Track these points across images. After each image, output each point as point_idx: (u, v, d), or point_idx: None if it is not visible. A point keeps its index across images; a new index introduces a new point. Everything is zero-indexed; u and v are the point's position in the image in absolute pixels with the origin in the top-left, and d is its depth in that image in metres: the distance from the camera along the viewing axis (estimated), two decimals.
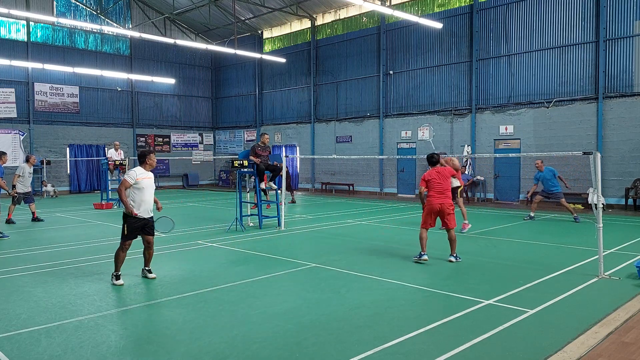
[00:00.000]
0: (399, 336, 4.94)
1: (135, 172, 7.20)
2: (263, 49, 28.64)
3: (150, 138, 29.55)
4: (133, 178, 7.12)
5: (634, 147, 16.36)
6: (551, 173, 13.72)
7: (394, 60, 22.70)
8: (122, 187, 7.10)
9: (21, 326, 5.32)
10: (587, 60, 17.33)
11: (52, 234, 12.00)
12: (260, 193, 12.92)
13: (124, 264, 7.26)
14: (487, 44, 19.69)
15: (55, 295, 6.57)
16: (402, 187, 22.70)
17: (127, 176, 7.16)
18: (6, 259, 9.01)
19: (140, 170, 7.27)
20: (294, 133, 27.42)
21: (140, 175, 7.20)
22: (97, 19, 26.73)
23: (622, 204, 16.52)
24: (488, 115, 19.79)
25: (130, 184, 7.10)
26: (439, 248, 9.92)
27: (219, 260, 8.80)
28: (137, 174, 7.18)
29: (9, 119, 24.17)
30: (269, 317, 5.60)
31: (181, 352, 4.63)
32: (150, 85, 29.05)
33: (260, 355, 4.55)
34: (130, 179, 7.11)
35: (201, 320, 5.51)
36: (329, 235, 11.57)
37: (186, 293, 6.62)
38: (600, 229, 7.40)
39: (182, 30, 30.01)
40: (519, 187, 19.07)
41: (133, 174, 7.16)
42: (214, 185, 31.72)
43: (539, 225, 13.15)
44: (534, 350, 4.62)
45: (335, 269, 7.91)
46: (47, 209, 17.35)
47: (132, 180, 7.10)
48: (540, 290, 6.67)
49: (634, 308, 5.82)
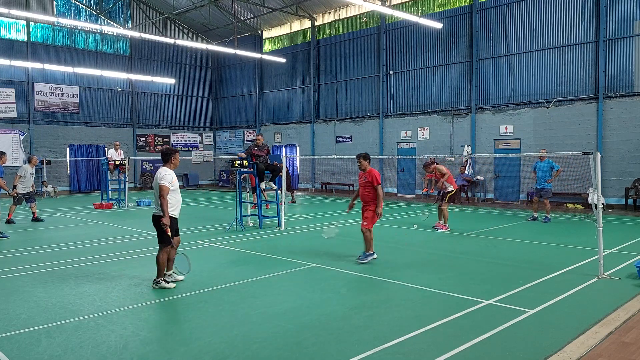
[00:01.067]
0: (399, 336, 4.94)
1: (170, 176, 6.90)
2: (263, 49, 28.64)
3: (150, 138, 29.55)
4: (170, 182, 6.84)
5: (634, 147, 16.36)
6: (548, 165, 13.64)
7: (394, 60, 22.70)
8: (165, 194, 6.74)
9: (21, 326, 5.32)
10: (587, 60, 17.33)
11: (52, 234, 12.00)
12: (260, 193, 12.93)
13: (124, 264, 7.26)
14: (487, 44, 19.69)
15: (55, 295, 6.57)
16: (402, 187, 22.70)
17: (166, 182, 6.77)
18: (6, 259, 9.02)
19: (171, 172, 7.00)
20: (294, 133, 27.42)
21: (173, 177, 6.97)
22: (97, 19, 26.73)
23: (622, 204, 16.51)
24: (488, 115, 19.79)
25: (169, 189, 6.80)
26: (439, 248, 9.93)
27: (219, 260, 8.80)
28: (172, 177, 6.93)
29: (9, 119, 24.16)
30: (269, 317, 5.60)
31: (181, 352, 4.63)
32: (150, 85, 29.05)
33: (260, 355, 4.55)
34: (169, 184, 6.81)
35: (201, 320, 5.51)
36: (328, 237, 11.54)
37: (186, 293, 6.62)
38: (600, 229, 7.40)
39: (182, 30, 30.01)
40: (519, 187, 19.06)
41: (169, 178, 6.85)
42: (214, 185, 31.71)
43: (539, 225, 13.14)
44: (534, 350, 4.62)
45: (335, 269, 7.91)
46: (47, 209, 17.35)
47: (171, 185, 6.84)
48: (540, 290, 6.66)
49: (634, 308, 5.82)
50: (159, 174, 6.87)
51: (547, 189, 13.67)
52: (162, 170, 6.93)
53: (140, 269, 8.02)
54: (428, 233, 11.88)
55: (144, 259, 8.86)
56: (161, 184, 6.75)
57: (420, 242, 10.68)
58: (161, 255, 6.88)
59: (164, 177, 6.82)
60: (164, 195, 6.71)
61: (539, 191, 13.82)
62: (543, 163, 13.73)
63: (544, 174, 13.62)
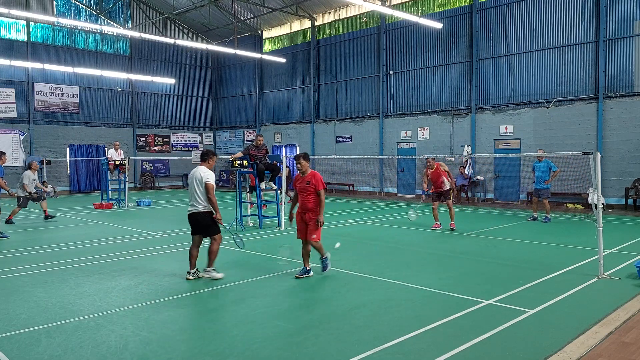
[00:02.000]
0: (399, 336, 4.94)
1: (212, 174, 7.28)
2: (263, 49, 28.64)
3: (150, 138, 29.56)
4: (214, 180, 7.24)
5: (634, 147, 16.36)
6: (547, 165, 13.69)
7: (394, 60, 22.70)
8: (212, 191, 7.11)
9: (21, 326, 5.32)
10: (587, 60, 17.33)
11: (52, 234, 12.00)
12: (260, 193, 12.94)
13: (124, 264, 7.26)
14: (487, 44, 19.69)
15: (55, 295, 6.57)
16: (402, 187, 22.70)
17: (212, 179, 7.18)
18: (6, 259, 9.02)
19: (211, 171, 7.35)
20: (294, 133, 27.42)
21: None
22: (97, 19, 26.73)
23: (622, 204, 16.51)
24: (488, 115, 19.79)
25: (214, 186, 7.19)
26: (439, 248, 9.93)
27: (219, 260, 8.77)
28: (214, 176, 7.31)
29: (9, 119, 24.17)
30: (269, 317, 5.60)
31: (181, 352, 4.63)
32: (150, 85, 29.05)
33: (260, 355, 4.55)
34: (214, 181, 7.22)
35: (201, 320, 5.51)
36: (329, 236, 11.52)
37: (186, 293, 6.62)
38: (600, 229, 7.40)
39: (182, 30, 30.01)
40: (519, 187, 19.06)
41: (214, 176, 7.28)
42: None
43: (539, 225, 13.14)
44: (534, 350, 4.62)
45: (335, 269, 7.90)
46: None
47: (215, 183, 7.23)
48: (540, 290, 6.66)
49: (634, 308, 5.82)
50: (201, 173, 7.18)
51: (546, 189, 13.70)
52: (203, 170, 7.25)
53: (140, 269, 8.02)
54: (428, 233, 11.88)
55: (144, 259, 8.87)
56: (208, 182, 7.11)
57: (420, 242, 10.68)
58: (216, 246, 7.27)
59: (210, 176, 7.18)
60: (211, 193, 7.09)
61: (537, 191, 13.86)
62: (541, 163, 13.77)
63: (543, 174, 13.65)
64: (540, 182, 13.70)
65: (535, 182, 13.94)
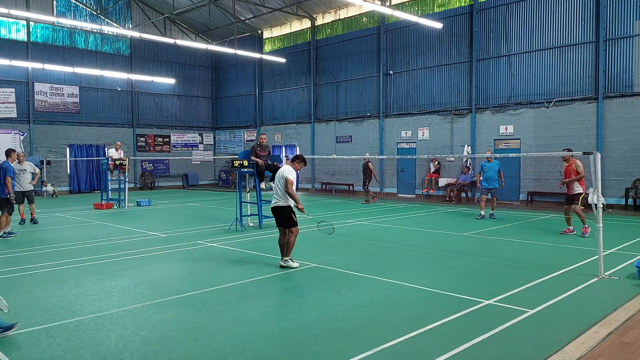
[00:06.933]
0: (399, 336, 4.94)
1: (294, 173, 8.06)
2: (263, 49, 28.64)
3: (150, 138, 29.56)
4: (294, 178, 7.99)
5: (634, 147, 16.36)
6: (498, 166, 14.26)
7: (394, 60, 22.70)
8: (291, 186, 7.88)
9: (21, 326, 5.31)
10: (587, 60, 17.33)
11: (52, 234, 11.99)
12: (261, 193, 12.94)
13: (124, 264, 7.26)
14: (487, 44, 19.69)
15: (55, 295, 6.57)
16: (402, 187, 22.70)
17: (292, 177, 7.94)
18: (6, 259, 9.02)
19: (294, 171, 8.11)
20: (294, 133, 27.42)
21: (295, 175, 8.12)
22: (97, 19, 26.73)
23: (622, 204, 16.51)
24: (488, 115, 19.79)
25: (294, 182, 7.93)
26: (439, 248, 9.93)
27: (219, 260, 8.79)
28: (295, 175, 8.08)
29: (9, 119, 24.17)
30: (269, 317, 5.60)
31: (181, 352, 4.63)
32: (150, 85, 29.05)
33: (260, 355, 4.55)
34: (294, 178, 7.98)
35: (201, 320, 5.51)
36: (329, 236, 11.56)
37: (186, 293, 6.62)
38: (600, 229, 7.40)
39: (182, 30, 30.01)
40: (519, 187, 19.07)
41: (294, 174, 8.04)
42: (214, 185, 31.71)
43: (539, 225, 13.14)
44: (534, 350, 4.61)
45: (335, 269, 7.90)
46: (47, 209, 17.35)
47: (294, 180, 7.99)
48: (540, 290, 6.66)
49: (634, 308, 5.82)
50: (284, 170, 8.01)
51: (495, 188, 14.35)
52: (287, 168, 8.08)
53: (140, 269, 8.02)
54: (428, 233, 11.89)
55: (144, 259, 8.87)
56: (288, 177, 7.89)
57: (420, 242, 10.68)
58: (293, 237, 7.92)
59: (291, 174, 7.96)
60: (290, 188, 7.84)
61: (488, 190, 14.36)
62: (492, 164, 14.27)
63: (495, 174, 14.23)
64: (492, 182, 14.24)
65: (483, 181, 14.40)
